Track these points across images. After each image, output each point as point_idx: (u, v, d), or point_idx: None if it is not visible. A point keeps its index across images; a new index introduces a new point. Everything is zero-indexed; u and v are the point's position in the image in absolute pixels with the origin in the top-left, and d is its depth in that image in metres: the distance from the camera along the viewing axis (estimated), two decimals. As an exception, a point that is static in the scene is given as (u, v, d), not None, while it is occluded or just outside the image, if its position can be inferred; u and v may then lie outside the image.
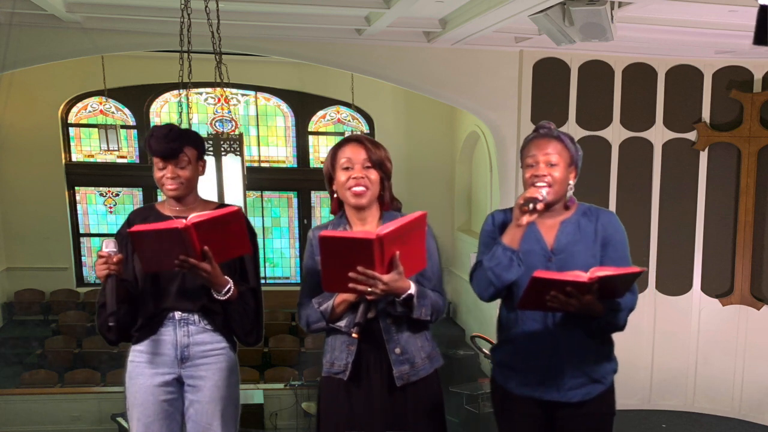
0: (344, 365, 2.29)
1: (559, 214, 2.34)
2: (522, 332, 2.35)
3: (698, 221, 6.98)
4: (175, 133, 2.41)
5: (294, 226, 10.88)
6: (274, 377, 8.29)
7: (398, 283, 2.06)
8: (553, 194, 2.25)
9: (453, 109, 9.36)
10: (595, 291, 2.07)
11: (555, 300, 2.08)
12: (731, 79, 6.73)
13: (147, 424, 2.48)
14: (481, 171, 9.09)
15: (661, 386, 7.08)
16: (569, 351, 2.31)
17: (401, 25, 5.82)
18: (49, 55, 6.34)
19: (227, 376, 2.52)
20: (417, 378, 2.31)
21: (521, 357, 2.37)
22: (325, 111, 10.64)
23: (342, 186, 2.26)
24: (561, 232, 2.33)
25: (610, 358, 2.42)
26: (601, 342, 2.37)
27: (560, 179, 2.27)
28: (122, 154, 10.25)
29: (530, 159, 2.29)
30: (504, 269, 2.23)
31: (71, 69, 9.01)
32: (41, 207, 9.95)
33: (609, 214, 2.38)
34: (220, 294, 2.35)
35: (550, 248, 2.31)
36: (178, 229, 2.12)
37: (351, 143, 2.30)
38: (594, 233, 2.32)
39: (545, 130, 2.33)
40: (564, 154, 2.29)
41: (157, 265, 2.30)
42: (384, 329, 2.28)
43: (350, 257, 1.98)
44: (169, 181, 2.41)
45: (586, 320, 2.24)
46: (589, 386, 2.35)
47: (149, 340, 2.48)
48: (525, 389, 2.37)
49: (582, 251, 2.29)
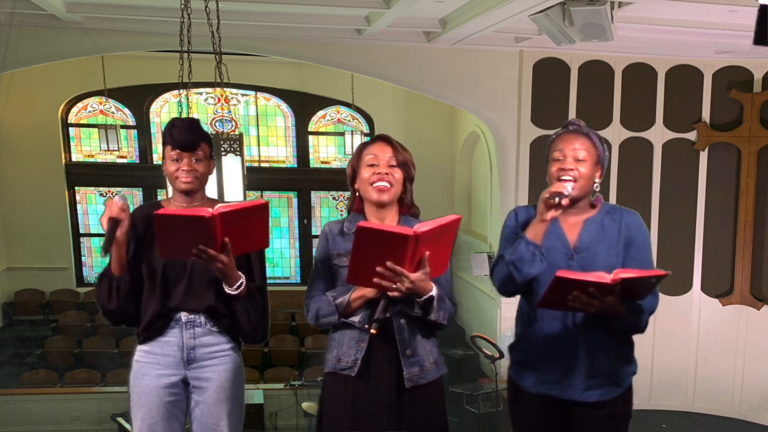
0: (353, 361, 2.28)
1: (583, 212, 2.33)
2: (541, 330, 2.33)
3: (698, 221, 6.98)
4: (196, 125, 2.43)
5: (294, 226, 10.87)
6: (274, 377, 8.28)
7: (423, 283, 2.06)
8: (578, 190, 2.24)
9: (453, 109, 9.36)
10: (617, 292, 2.06)
11: (577, 300, 2.06)
12: (731, 79, 6.73)
13: (151, 425, 2.48)
14: (481, 171, 9.09)
15: (661, 386, 7.08)
16: (588, 351, 2.30)
17: (401, 25, 5.82)
18: (49, 55, 6.35)
19: (233, 377, 2.52)
20: (425, 381, 2.31)
21: (539, 355, 2.35)
22: (325, 111, 10.63)
23: (365, 181, 2.28)
24: (584, 231, 2.31)
25: (630, 360, 2.41)
26: (620, 343, 2.36)
27: (586, 175, 2.26)
28: (122, 154, 10.25)
29: (557, 153, 2.28)
30: (526, 263, 2.22)
31: (71, 69, 9.01)
32: (41, 207, 9.95)
33: (633, 214, 2.37)
34: (232, 288, 2.33)
35: (572, 246, 2.30)
36: (204, 218, 2.09)
37: (379, 141, 2.33)
38: (617, 233, 2.30)
39: (574, 126, 2.33)
40: (592, 151, 2.29)
41: (174, 253, 2.26)
42: (397, 329, 2.27)
43: (382, 251, 1.97)
44: (183, 173, 2.39)
45: (607, 321, 2.23)
46: (607, 387, 2.34)
47: (155, 341, 2.47)
48: (542, 387, 2.35)
49: (604, 250, 2.28)
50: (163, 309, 2.44)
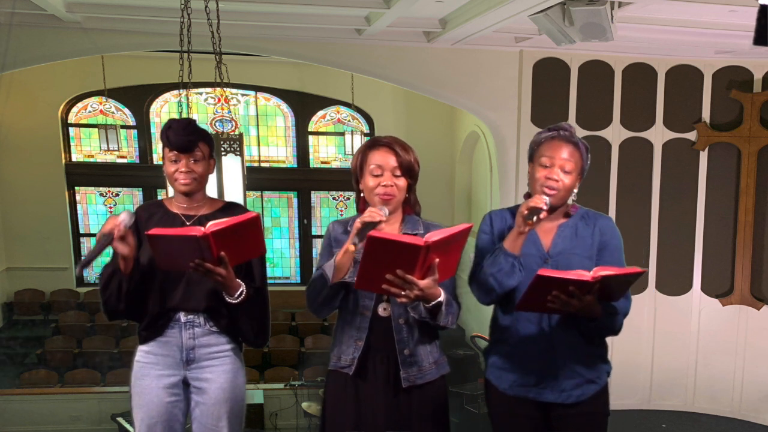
0: (350, 360, 2.30)
1: (557, 217, 2.35)
2: (517, 334, 2.35)
3: (698, 221, 6.97)
4: (193, 126, 2.42)
5: (294, 226, 10.87)
6: (274, 377, 8.29)
7: (432, 289, 2.07)
8: (558, 200, 2.27)
9: (453, 109, 9.36)
10: (596, 291, 2.08)
11: (556, 300, 2.08)
12: (731, 79, 6.72)
13: (150, 426, 2.48)
14: (481, 171, 9.09)
15: (661, 386, 7.08)
16: (564, 352, 2.32)
17: (401, 25, 5.82)
18: (49, 55, 6.34)
19: (233, 377, 2.52)
20: (423, 381, 2.32)
21: (516, 358, 2.37)
22: (325, 111, 10.64)
23: (370, 191, 2.28)
24: (558, 236, 2.34)
25: (605, 358, 2.43)
26: (595, 344, 2.38)
27: (569, 187, 2.28)
28: (122, 154, 10.25)
29: (546, 159, 2.28)
30: (506, 275, 2.24)
31: (71, 69, 9.01)
32: (41, 207, 9.95)
33: (606, 219, 2.39)
34: (232, 297, 2.34)
35: (546, 251, 2.32)
36: (196, 237, 2.11)
37: (382, 149, 2.30)
38: (591, 237, 2.33)
39: (567, 133, 2.32)
40: (578, 163, 2.30)
41: (172, 266, 2.30)
42: (396, 329, 2.29)
43: (393, 259, 1.98)
44: (182, 175, 2.39)
45: (582, 322, 2.25)
46: (584, 387, 2.36)
47: (155, 341, 2.47)
48: (520, 390, 2.37)
49: (578, 255, 2.30)
50: (163, 309, 2.44)
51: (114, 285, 2.36)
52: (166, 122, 2.45)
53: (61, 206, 10.18)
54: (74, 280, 10.35)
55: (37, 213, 9.94)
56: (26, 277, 10.07)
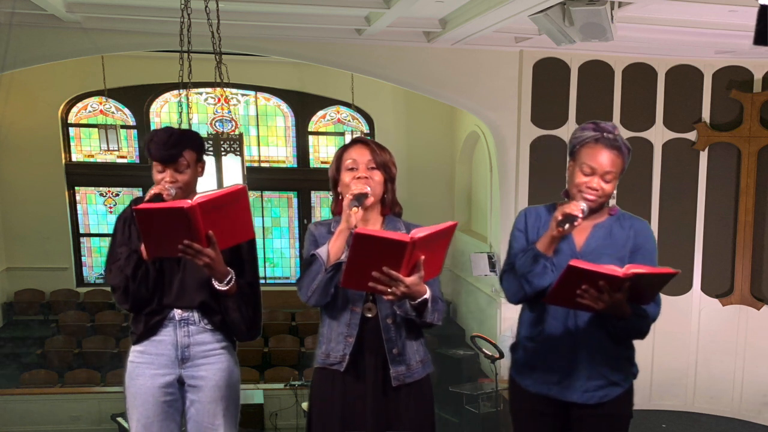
0: (341, 356, 2.30)
1: (594, 217, 2.32)
2: (543, 331, 2.34)
3: (698, 221, 6.98)
4: (174, 139, 2.41)
5: (294, 226, 10.87)
6: (274, 377, 8.28)
7: (417, 287, 2.07)
8: (596, 204, 2.24)
9: (453, 109, 9.36)
10: (627, 289, 2.05)
11: (585, 295, 2.06)
12: (731, 79, 6.73)
13: (146, 425, 2.48)
14: (481, 171, 9.08)
15: (661, 386, 7.08)
16: (589, 353, 2.31)
17: (401, 25, 5.82)
18: (49, 55, 6.35)
19: (228, 375, 2.53)
20: (411, 380, 2.33)
21: (540, 356, 2.36)
22: (325, 111, 10.63)
23: (346, 186, 2.27)
24: (591, 236, 2.32)
25: (632, 361, 2.41)
26: (622, 346, 2.36)
27: (609, 192, 2.25)
28: (122, 154, 10.24)
29: (587, 167, 2.23)
30: (537, 276, 2.23)
31: (71, 69, 9.01)
32: (41, 207, 9.94)
33: (642, 222, 2.37)
34: (221, 283, 2.34)
35: (578, 249, 2.30)
36: (183, 209, 2.10)
37: (356, 145, 2.33)
38: (624, 239, 2.31)
39: (611, 136, 2.25)
40: (619, 168, 2.26)
41: (161, 250, 2.27)
42: (384, 329, 2.29)
43: (379, 257, 1.98)
44: (167, 184, 2.41)
45: (611, 321, 2.23)
46: (608, 388, 2.34)
47: (149, 340, 2.48)
48: (542, 388, 2.36)
49: (609, 255, 2.27)
50: (158, 307, 2.45)
51: (141, 273, 2.38)
52: (149, 133, 2.47)
53: (61, 206, 10.18)
54: (74, 280, 10.35)
55: (37, 213, 9.93)
56: (26, 277, 10.06)
